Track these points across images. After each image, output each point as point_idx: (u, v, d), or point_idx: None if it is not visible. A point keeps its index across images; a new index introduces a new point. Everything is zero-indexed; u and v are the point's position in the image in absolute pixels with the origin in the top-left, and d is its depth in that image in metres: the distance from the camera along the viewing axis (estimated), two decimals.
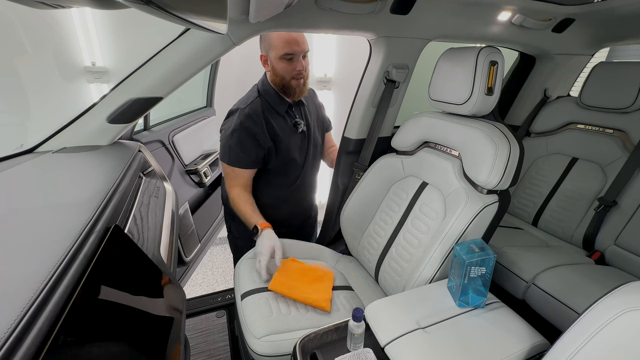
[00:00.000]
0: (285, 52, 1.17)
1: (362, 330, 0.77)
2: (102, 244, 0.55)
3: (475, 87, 0.99)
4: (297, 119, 1.33)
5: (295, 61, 1.20)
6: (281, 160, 1.31)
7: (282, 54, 1.18)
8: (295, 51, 1.18)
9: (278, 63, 1.20)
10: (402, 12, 1.13)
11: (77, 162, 0.91)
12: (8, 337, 0.34)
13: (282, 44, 1.17)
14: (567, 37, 1.52)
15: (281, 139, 1.28)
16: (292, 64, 1.20)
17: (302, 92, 1.28)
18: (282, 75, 1.22)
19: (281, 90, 1.27)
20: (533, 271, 1.26)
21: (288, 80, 1.23)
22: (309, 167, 1.43)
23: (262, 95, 1.27)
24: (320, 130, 1.48)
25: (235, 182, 1.30)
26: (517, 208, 1.74)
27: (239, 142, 1.22)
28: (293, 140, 1.32)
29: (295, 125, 1.32)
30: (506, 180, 0.94)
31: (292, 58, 1.19)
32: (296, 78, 1.23)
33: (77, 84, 1.90)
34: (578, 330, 0.58)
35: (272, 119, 1.27)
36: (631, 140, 1.42)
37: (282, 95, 1.29)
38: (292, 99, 1.31)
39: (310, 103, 1.43)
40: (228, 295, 1.65)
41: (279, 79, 1.23)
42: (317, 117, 1.46)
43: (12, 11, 1.52)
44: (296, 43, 1.18)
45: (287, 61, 1.19)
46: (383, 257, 1.20)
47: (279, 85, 1.25)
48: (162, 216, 0.95)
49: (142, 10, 0.38)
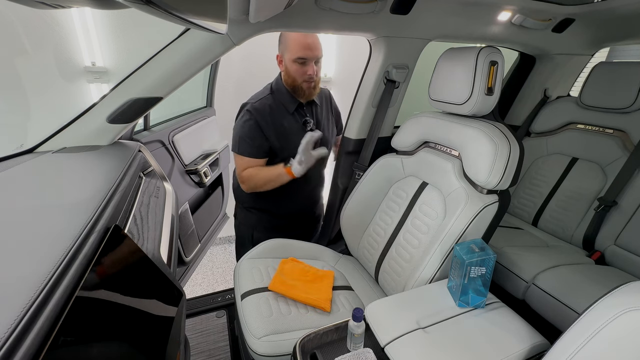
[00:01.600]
0: (299, 56, 1.23)
1: (362, 330, 0.77)
2: (102, 244, 0.55)
3: (475, 87, 0.99)
4: (307, 117, 1.38)
5: (307, 65, 1.25)
6: (288, 157, 1.34)
7: (296, 57, 1.23)
8: (308, 56, 1.24)
9: (291, 65, 1.26)
10: (402, 12, 1.13)
11: (77, 162, 0.91)
12: (8, 337, 0.34)
13: (296, 47, 1.23)
14: (567, 37, 1.53)
15: (288, 135, 1.32)
16: (304, 67, 1.25)
17: (311, 94, 1.33)
18: (294, 77, 1.28)
19: (292, 90, 1.32)
20: (533, 271, 1.26)
21: (299, 83, 1.28)
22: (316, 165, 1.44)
23: (274, 93, 1.33)
24: (330, 130, 1.51)
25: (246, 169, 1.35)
26: (517, 208, 1.74)
27: (248, 133, 1.28)
28: (299, 137, 1.34)
29: (305, 123, 1.37)
30: (506, 180, 0.94)
31: (305, 62, 1.25)
32: (307, 81, 1.28)
33: (77, 84, 1.90)
34: (578, 330, 0.58)
35: (282, 116, 1.32)
36: (631, 140, 1.42)
37: (293, 95, 1.33)
38: (301, 99, 1.35)
39: (324, 103, 1.47)
40: (228, 295, 1.66)
41: (291, 80, 1.29)
42: (328, 118, 1.49)
43: (12, 11, 1.52)
44: (309, 48, 1.23)
45: (299, 65, 1.25)
46: (383, 257, 1.20)
47: (290, 85, 1.31)
48: (162, 216, 0.95)
49: (142, 10, 0.38)
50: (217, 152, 1.80)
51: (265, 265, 1.23)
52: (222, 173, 1.94)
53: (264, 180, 1.31)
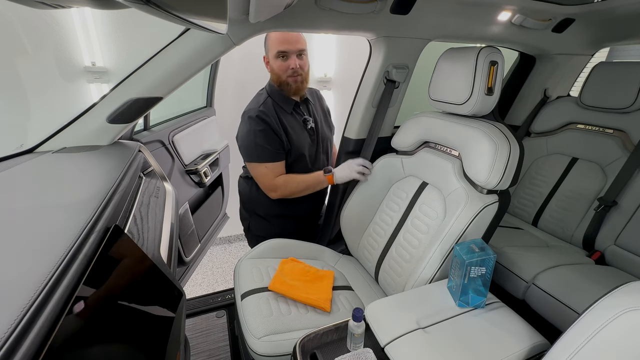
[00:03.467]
0: (278, 50, 1.23)
1: (362, 330, 0.77)
2: (102, 244, 0.55)
3: (475, 87, 0.99)
4: (306, 116, 1.38)
5: (289, 59, 1.24)
6: (293, 156, 1.35)
7: (276, 52, 1.24)
8: (288, 49, 1.23)
9: (274, 62, 1.26)
10: (402, 12, 1.13)
11: (77, 162, 0.91)
12: (8, 337, 0.34)
13: (275, 42, 1.23)
14: (567, 37, 1.52)
15: (292, 135, 1.32)
16: (286, 61, 1.25)
17: (299, 89, 1.32)
18: (278, 73, 1.27)
19: (281, 89, 1.32)
20: (533, 271, 1.26)
21: (284, 79, 1.27)
22: (319, 162, 1.47)
23: (270, 96, 1.32)
24: (328, 128, 1.52)
25: (273, 177, 1.31)
26: (517, 208, 1.74)
27: (264, 138, 1.26)
28: (302, 136, 1.36)
29: (305, 122, 1.37)
30: (506, 180, 0.94)
31: (285, 56, 1.24)
32: (292, 76, 1.27)
33: (77, 84, 1.90)
34: (578, 330, 0.58)
35: (283, 116, 1.32)
36: (631, 140, 1.42)
37: (287, 95, 1.33)
38: (296, 97, 1.35)
39: (316, 102, 1.48)
40: (228, 295, 1.66)
41: (276, 77, 1.29)
42: (324, 115, 1.50)
43: (12, 11, 1.52)
44: (288, 42, 1.22)
45: (281, 59, 1.25)
46: (383, 257, 1.20)
47: (277, 83, 1.31)
48: (162, 216, 0.95)
49: (142, 10, 0.38)
50: (217, 152, 1.80)
51: (265, 265, 1.23)
52: (222, 173, 1.94)
53: (304, 186, 1.31)
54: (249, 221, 1.55)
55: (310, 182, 1.31)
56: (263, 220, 1.50)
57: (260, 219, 1.50)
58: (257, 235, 1.53)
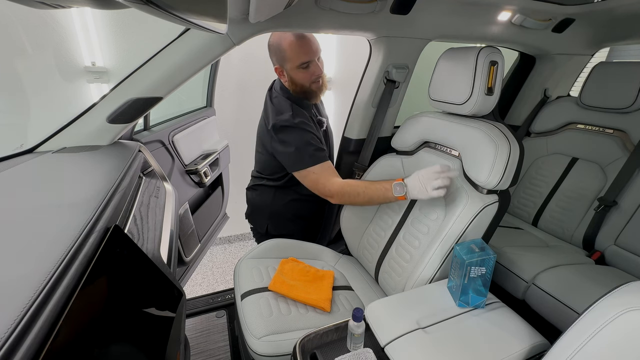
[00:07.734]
0: (302, 61, 1.16)
1: (362, 330, 0.77)
2: (102, 244, 0.55)
3: (475, 87, 0.99)
4: (320, 116, 1.36)
5: (312, 67, 1.19)
6: None
7: (299, 64, 1.17)
8: (312, 58, 1.18)
9: (296, 73, 1.19)
10: (402, 12, 1.13)
11: (77, 162, 0.91)
12: (8, 337, 0.34)
13: (297, 54, 1.15)
14: (567, 37, 1.53)
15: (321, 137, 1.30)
16: (310, 70, 1.19)
17: (321, 92, 1.28)
18: (302, 83, 1.21)
19: (304, 96, 1.27)
20: (533, 271, 1.26)
21: (308, 86, 1.22)
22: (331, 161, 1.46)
23: (292, 101, 1.26)
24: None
25: (329, 177, 1.21)
26: (517, 208, 1.74)
27: (312, 142, 1.20)
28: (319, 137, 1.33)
29: (320, 123, 1.35)
30: (506, 180, 0.94)
31: (309, 65, 1.18)
32: (316, 82, 1.23)
33: (77, 84, 1.90)
34: (578, 330, 0.58)
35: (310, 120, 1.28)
36: (631, 140, 1.42)
37: (304, 99, 1.28)
38: (314, 101, 1.31)
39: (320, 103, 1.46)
40: (228, 295, 1.66)
41: (299, 87, 1.23)
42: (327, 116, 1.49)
43: (12, 11, 1.52)
44: (311, 50, 1.17)
45: (304, 69, 1.18)
46: (383, 257, 1.20)
47: (299, 93, 1.25)
48: (162, 216, 0.95)
49: (142, 10, 0.38)
50: (217, 152, 1.80)
51: (265, 265, 1.23)
52: (222, 173, 1.94)
53: (368, 197, 1.13)
54: (267, 224, 1.48)
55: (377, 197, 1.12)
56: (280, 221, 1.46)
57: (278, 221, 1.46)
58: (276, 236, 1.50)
